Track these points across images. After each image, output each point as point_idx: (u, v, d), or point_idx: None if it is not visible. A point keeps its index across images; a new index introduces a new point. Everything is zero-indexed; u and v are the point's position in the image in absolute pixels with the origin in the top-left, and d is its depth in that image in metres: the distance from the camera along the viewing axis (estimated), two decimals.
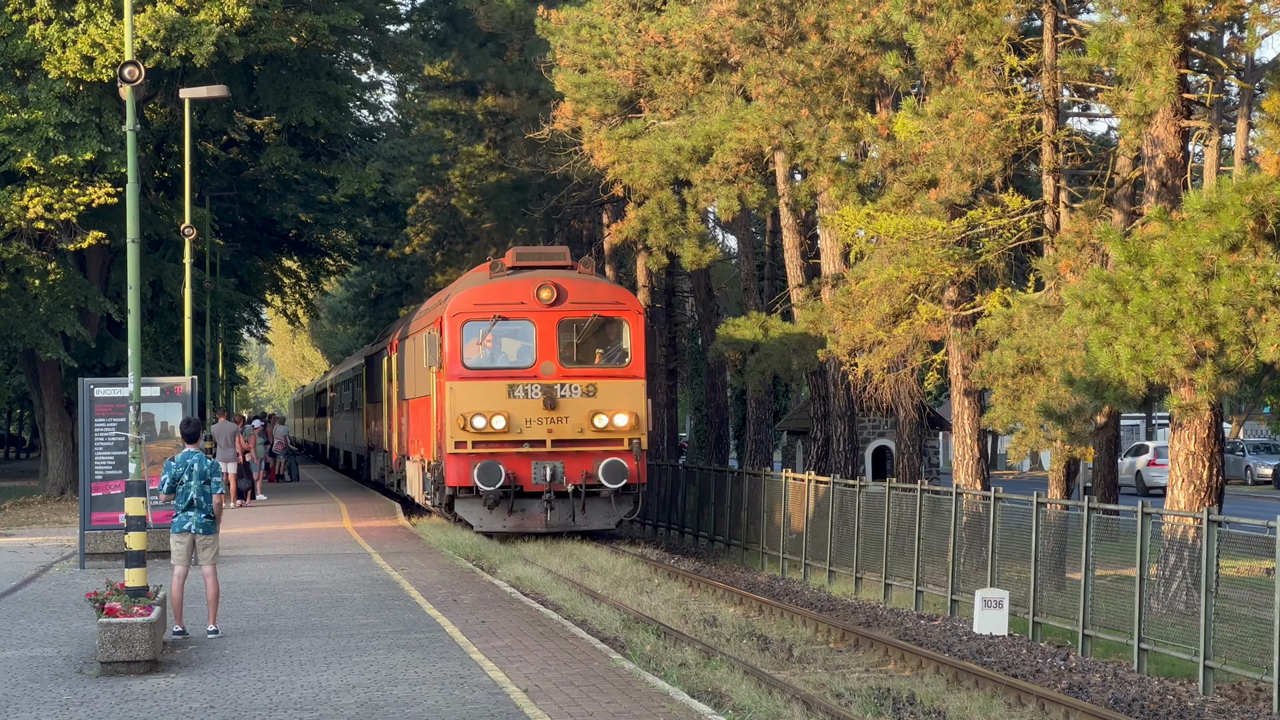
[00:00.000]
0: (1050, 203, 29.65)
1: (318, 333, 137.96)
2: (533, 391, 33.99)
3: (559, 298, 34.40)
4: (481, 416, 33.84)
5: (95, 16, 45.83)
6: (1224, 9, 24.57)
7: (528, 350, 34.46)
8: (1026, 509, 25.41)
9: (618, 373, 34.43)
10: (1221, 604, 20.66)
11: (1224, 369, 21.94)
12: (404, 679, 17.30)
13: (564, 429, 33.99)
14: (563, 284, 34.65)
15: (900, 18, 28.58)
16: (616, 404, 34.07)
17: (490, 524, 34.25)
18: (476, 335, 34.56)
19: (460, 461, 33.97)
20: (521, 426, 33.90)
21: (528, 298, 34.42)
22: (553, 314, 34.38)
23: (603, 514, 34.36)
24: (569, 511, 34.16)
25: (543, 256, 36.22)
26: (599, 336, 34.70)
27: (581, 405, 34.01)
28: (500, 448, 33.85)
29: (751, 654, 21.25)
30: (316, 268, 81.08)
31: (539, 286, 34.40)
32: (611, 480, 33.64)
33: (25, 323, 50.06)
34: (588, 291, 34.87)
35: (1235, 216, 21.23)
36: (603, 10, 41.41)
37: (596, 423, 33.93)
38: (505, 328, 34.68)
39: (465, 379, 34.29)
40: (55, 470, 56.12)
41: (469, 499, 34.31)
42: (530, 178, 58.95)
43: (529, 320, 34.45)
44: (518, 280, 34.87)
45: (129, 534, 20.47)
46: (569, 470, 33.92)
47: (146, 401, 28.24)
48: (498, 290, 34.78)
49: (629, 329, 34.78)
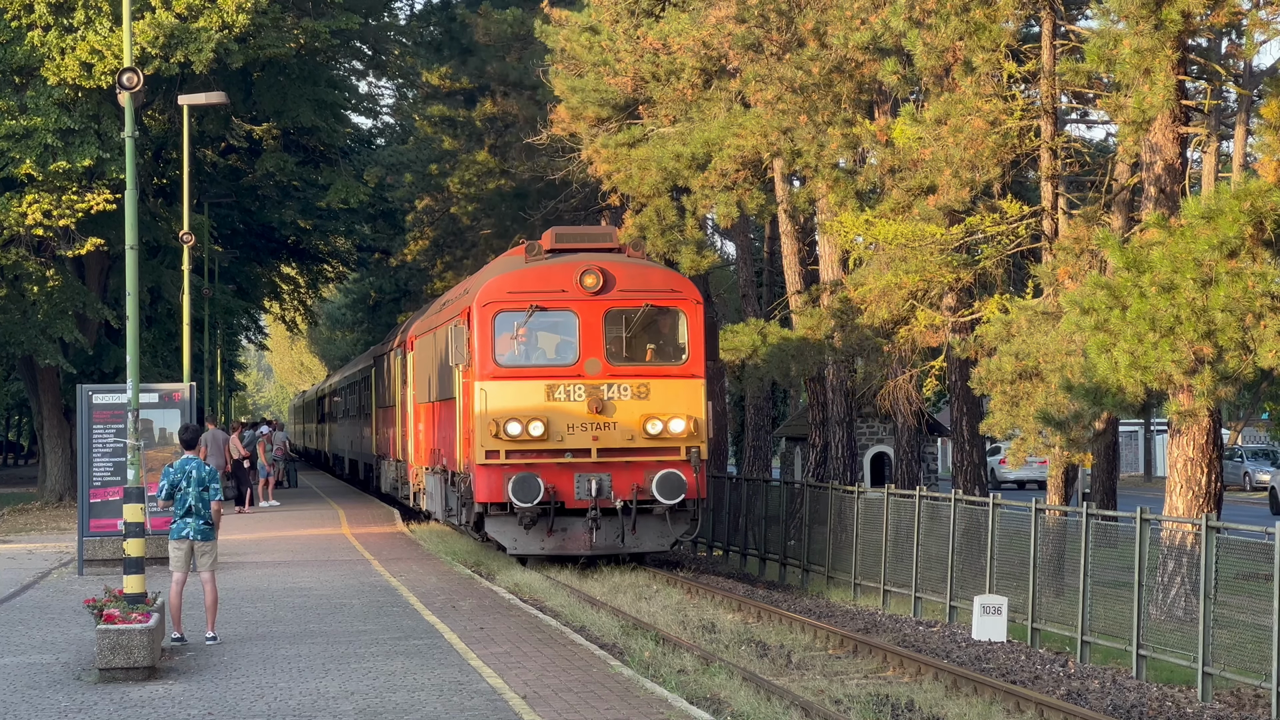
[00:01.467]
0: (1049, 209, 29.66)
1: (316, 339, 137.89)
2: (576, 393, 30.03)
3: (605, 285, 30.34)
4: (517, 422, 29.82)
5: (94, 23, 45.85)
6: (1222, 15, 24.58)
7: (569, 345, 30.48)
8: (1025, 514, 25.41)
9: (673, 371, 30.46)
10: (1220, 610, 20.66)
11: (1222, 375, 21.94)
12: (402, 685, 17.29)
13: (612, 436, 30.03)
14: (609, 269, 30.56)
15: (899, 24, 28.59)
16: (672, 407, 30.15)
17: (526, 546, 30.26)
18: (510, 328, 30.54)
19: (492, 474, 29.92)
20: (563, 433, 29.87)
21: (569, 285, 30.36)
22: (598, 303, 30.31)
23: (656, 534, 30.26)
24: (617, 531, 30.08)
25: (586, 238, 32.16)
26: (652, 329, 30.73)
27: (632, 408, 30.07)
28: (538, 458, 29.83)
29: (750, 660, 21.24)
30: (315, 274, 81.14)
31: (582, 272, 30.33)
32: (667, 495, 29.61)
33: (24, 329, 50.07)
34: (638, 277, 30.82)
35: (1234, 223, 21.24)
36: (601, 16, 41.43)
37: (649, 429, 29.93)
38: (543, 320, 30.73)
39: (498, 378, 30.24)
40: (54, 477, 56.11)
41: (501, 517, 30.20)
42: (529, 184, 58.93)
43: (571, 311, 30.38)
44: (557, 265, 30.82)
45: (127, 540, 20.49)
46: (617, 484, 29.95)
47: (145, 408, 28.22)
48: (534, 276, 30.71)
49: (686, 321, 30.73)
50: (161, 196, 57.88)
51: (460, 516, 33.05)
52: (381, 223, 74.94)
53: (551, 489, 29.64)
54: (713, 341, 30.93)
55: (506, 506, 29.83)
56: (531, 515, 29.67)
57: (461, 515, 32.79)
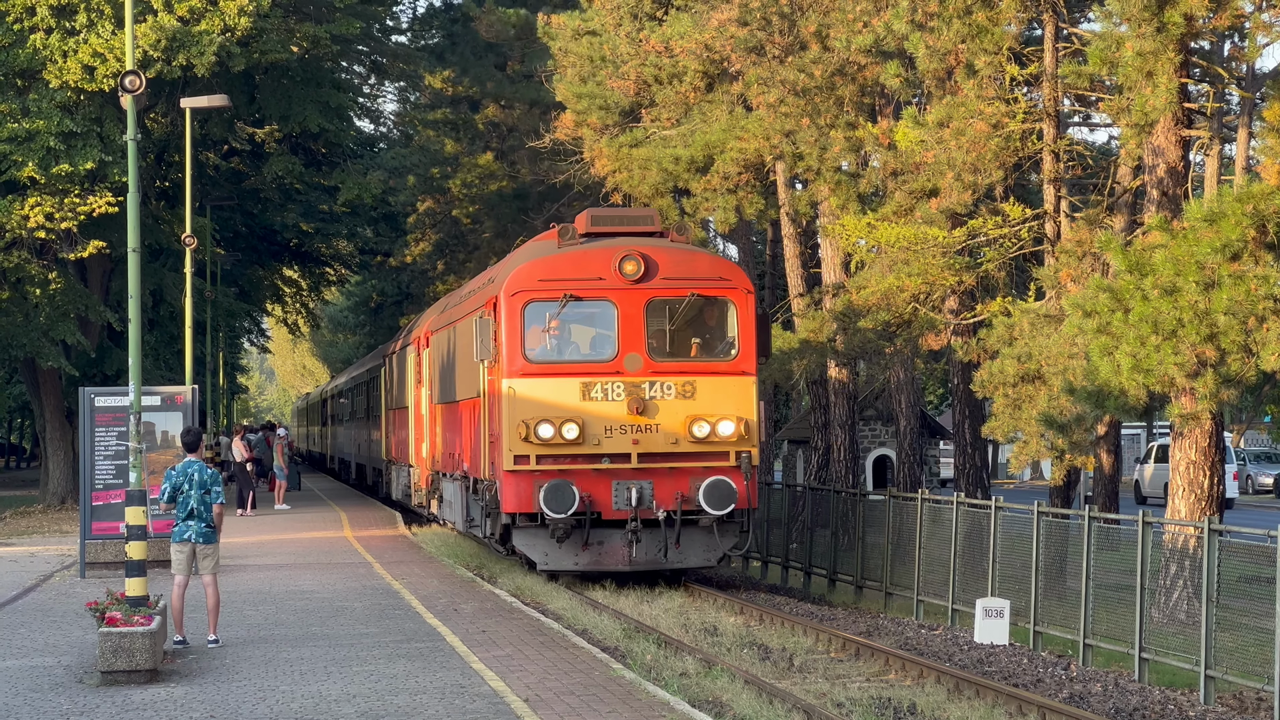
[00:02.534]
0: (1051, 212, 29.66)
1: (318, 342, 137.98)
2: (614, 391, 27.49)
3: (647, 272, 27.72)
4: (549, 424, 27.22)
5: (96, 26, 45.89)
6: (1225, 18, 24.59)
7: (607, 339, 27.92)
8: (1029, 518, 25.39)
9: (722, 368, 27.83)
10: (1222, 613, 20.65)
11: (1225, 378, 21.94)
12: (404, 688, 17.29)
13: (654, 439, 27.43)
14: (652, 254, 27.91)
15: (901, 27, 28.59)
16: (721, 407, 27.55)
17: (559, 561, 27.70)
18: (541, 320, 27.93)
19: (521, 481, 27.36)
20: (600, 436, 27.31)
21: (607, 272, 27.71)
22: (639, 292, 27.71)
23: (702, 548, 27.74)
24: (659, 544, 27.48)
25: (625, 220, 29.41)
26: (698, 322, 28.17)
27: (676, 409, 27.46)
28: (572, 463, 27.28)
29: (752, 663, 21.23)
30: (317, 277, 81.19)
31: (621, 258, 27.66)
32: (715, 505, 27.07)
33: (26, 332, 50.10)
34: (684, 264, 28.12)
35: (1236, 226, 21.24)
36: (604, 19, 41.45)
37: (695, 431, 27.34)
38: (579, 310, 28.15)
39: (528, 375, 27.65)
40: (56, 479, 56.13)
41: (530, 529, 27.63)
42: (531, 186, 59.03)
43: (609, 300, 27.76)
44: (594, 250, 28.11)
45: (129, 543, 20.49)
46: (660, 492, 27.41)
47: (147, 411, 28.24)
48: (568, 262, 28.01)
49: (736, 312, 27.98)
50: (164, 199, 57.93)
51: (484, 528, 30.47)
52: (383, 225, 75.01)
53: (587, 498, 27.16)
54: (765, 335, 28.30)
55: (537, 517, 27.36)
56: (565, 527, 27.18)
57: (485, 527, 30.20)
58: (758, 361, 28.24)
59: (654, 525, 27.42)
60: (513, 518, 27.62)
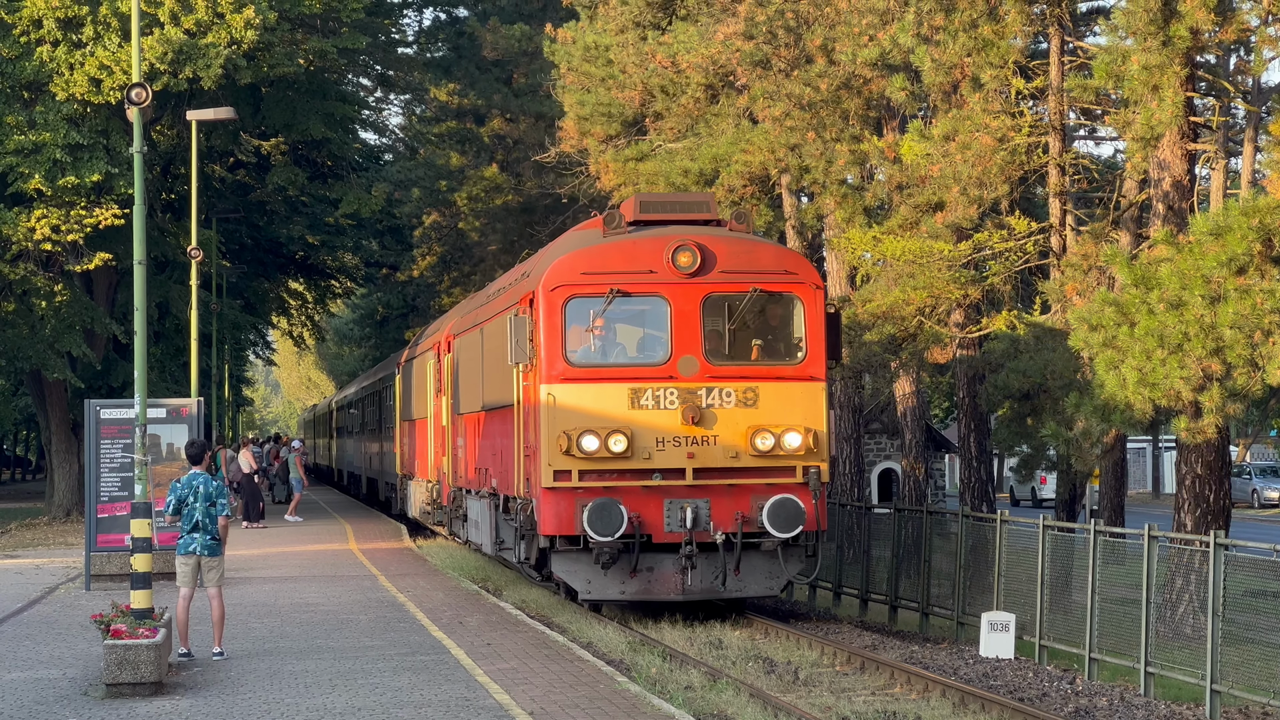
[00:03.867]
0: (1057, 225, 29.67)
1: (324, 355, 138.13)
2: (667, 399, 24.67)
3: (703, 264, 24.88)
4: (593, 435, 24.43)
5: (103, 39, 45.95)
6: (1230, 32, 24.62)
7: (659, 340, 25.07)
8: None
9: (788, 372, 25.06)
10: (1228, 627, 20.63)
11: (1231, 392, 21.94)
12: (409, 701, 17.28)
13: (711, 453, 24.65)
14: (708, 244, 25.05)
15: (907, 40, 28.63)
16: (787, 416, 24.82)
17: (604, 589, 24.81)
18: (585, 318, 25.03)
19: (561, 500, 24.54)
20: (650, 449, 24.51)
21: (658, 264, 24.88)
22: (695, 287, 24.86)
23: (764, 574, 25.01)
24: (716, 571, 24.75)
25: (678, 206, 26.51)
26: (761, 320, 25.36)
27: (736, 418, 24.71)
28: (619, 479, 24.51)
29: (757, 676, 21.21)
30: (323, 290, 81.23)
31: (674, 248, 24.86)
32: (781, 526, 24.38)
33: (32, 344, 50.17)
34: (744, 255, 25.22)
35: (1242, 239, 21.25)
36: (609, 30, 41.51)
37: (758, 444, 24.60)
38: (626, 308, 25.22)
39: (569, 380, 24.79)
40: (61, 492, 56.15)
41: (571, 554, 24.78)
42: (537, 199, 59.06)
43: (661, 296, 24.91)
44: (643, 239, 25.25)
45: (134, 556, 20.49)
46: (718, 512, 24.59)
47: (152, 423, 28.29)
48: (615, 253, 25.12)
49: (803, 309, 25.16)
50: (170, 212, 57.97)
51: (516, 551, 27.44)
52: (389, 238, 75.09)
53: (636, 519, 24.33)
54: (835, 336, 25.50)
55: (579, 540, 24.54)
56: (611, 552, 24.30)
57: (518, 550, 27.26)
58: (827, 365, 25.52)
59: (710, 549, 24.69)
60: (551, 541, 24.80)
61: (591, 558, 24.53)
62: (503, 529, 28.86)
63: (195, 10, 45.77)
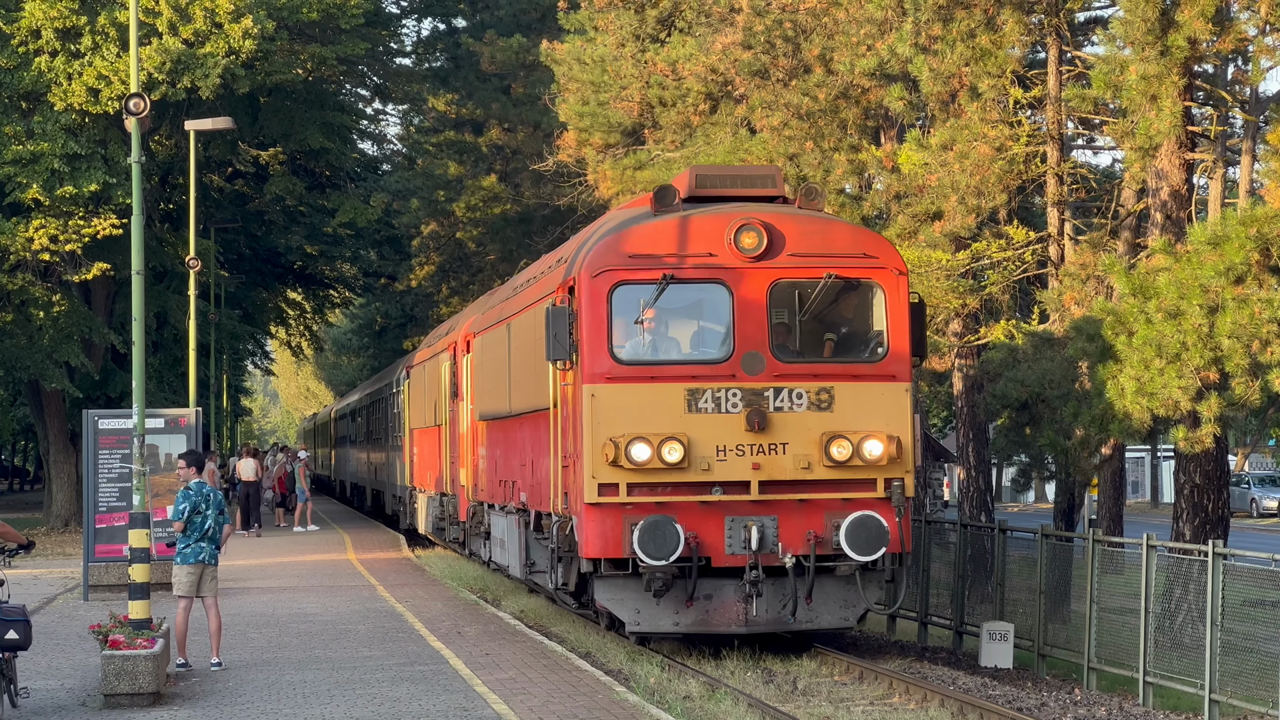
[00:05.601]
0: (1055, 235, 29.68)
1: (322, 365, 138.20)
2: (729, 401, 21.46)
3: (770, 246, 21.67)
4: (644, 443, 21.22)
5: (101, 49, 45.99)
6: (1228, 42, 24.65)
7: (719, 333, 21.91)
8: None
9: (867, 371, 21.88)
10: (1227, 637, 20.62)
11: (1229, 402, 21.95)
12: (408, 712, 17.27)
13: (780, 464, 21.49)
14: (776, 224, 21.84)
15: (905, 50, 28.64)
16: (866, 421, 21.62)
17: (654, 620, 21.79)
18: (634, 308, 21.76)
19: (607, 518, 21.38)
20: (709, 459, 21.36)
21: (718, 246, 21.72)
22: (760, 272, 21.68)
23: (838, 603, 22.03)
24: (784, 599, 21.68)
25: (739, 180, 23.29)
26: (836, 311, 22.20)
27: (809, 424, 21.54)
28: (673, 494, 21.38)
29: (756, 686, 21.17)
30: (321, 300, 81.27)
31: (737, 228, 21.67)
32: (860, 548, 21.31)
33: (30, 354, 50.17)
34: (817, 236, 21.98)
35: (1240, 249, 21.26)
36: (607, 41, 41.54)
37: (833, 453, 21.45)
38: (681, 296, 21.93)
39: (616, 380, 21.55)
40: (59, 502, 56.14)
41: (618, 580, 21.66)
42: (535, 209, 59.09)
43: (721, 283, 21.70)
44: (700, 218, 21.98)
45: (133, 566, 20.47)
46: (787, 531, 21.48)
47: (151, 433, 28.26)
48: (668, 234, 21.89)
49: (885, 299, 21.97)
50: (168, 221, 58.00)
51: (551, 576, 24.23)
52: (387, 248, 75.11)
53: (693, 539, 21.25)
54: (919, 329, 22.41)
55: (627, 564, 21.49)
56: (665, 577, 21.21)
57: (554, 575, 23.95)
58: (911, 363, 22.41)
59: (778, 574, 21.61)
60: (595, 564, 21.68)
61: (642, 584, 21.41)
62: (534, 550, 25.90)
63: (193, 20, 45.82)
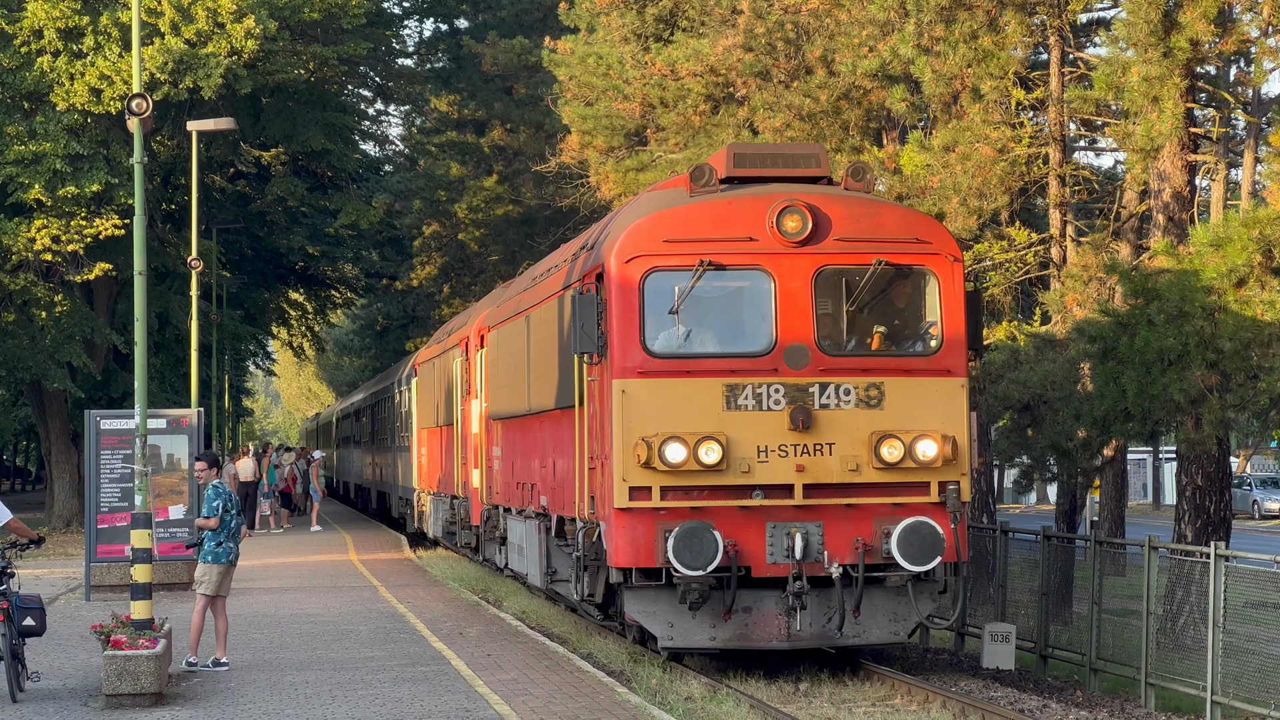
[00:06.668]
0: (1057, 236, 29.67)
1: (324, 365, 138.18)
2: (770, 398, 20.05)
3: (816, 230, 20.29)
4: (679, 443, 19.78)
5: (103, 49, 45.99)
6: (1231, 43, 24.64)
7: (760, 324, 20.46)
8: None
9: (920, 365, 20.55)
10: (1229, 638, 20.61)
11: (1231, 404, 21.94)
12: (410, 712, 17.27)
13: (826, 465, 20.11)
14: (821, 206, 20.46)
15: (907, 52, 28.63)
16: (919, 420, 20.26)
17: (689, 635, 20.29)
18: (669, 297, 20.27)
19: (639, 524, 19.90)
20: (749, 461, 19.97)
21: (759, 230, 20.30)
22: (805, 258, 20.28)
23: (888, 617, 20.52)
24: (830, 611, 20.24)
25: (780, 159, 21.79)
26: (886, 300, 20.78)
27: (857, 423, 20.16)
28: (711, 498, 19.96)
29: (758, 688, 21.17)
30: (323, 300, 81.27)
31: (780, 210, 20.26)
32: (913, 557, 19.88)
33: (32, 354, 50.19)
34: (866, 220, 20.61)
35: (1242, 251, 21.26)
36: (610, 39, 41.53)
37: (884, 454, 20.06)
38: (719, 283, 20.47)
39: (649, 375, 20.11)
40: (61, 502, 56.15)
41: (650, 591, 20.19)
42: (537, 210, 59.09)
43: (762, 270, 20.32)
44: (740, 199, 20.67)
45: (134, 566, 20.49)
46: (833, 539, 20.07)
47: (152, 434, 28.27)
48: (705, 217, 20.47)
49: (939, 287, 20.61)
50: (170, 222, 58.02)
51: (576, 586, 22.63)
52: (389, 249, 75.14)
53: (731, 547, 19.79)
54: (975, 320, 20.99)
55: (660, 574, 20.01)
56: (701, 589, 19.73)
57: (579, 585, 22.41)
58: (968, 356, 20.97)
59: (823, 585, 20.20)
60: (626, 574, 20.21)
61: (676, 596, 19.95)
62: (556, 558, 24.42)
63: (196, 20, 45.84)
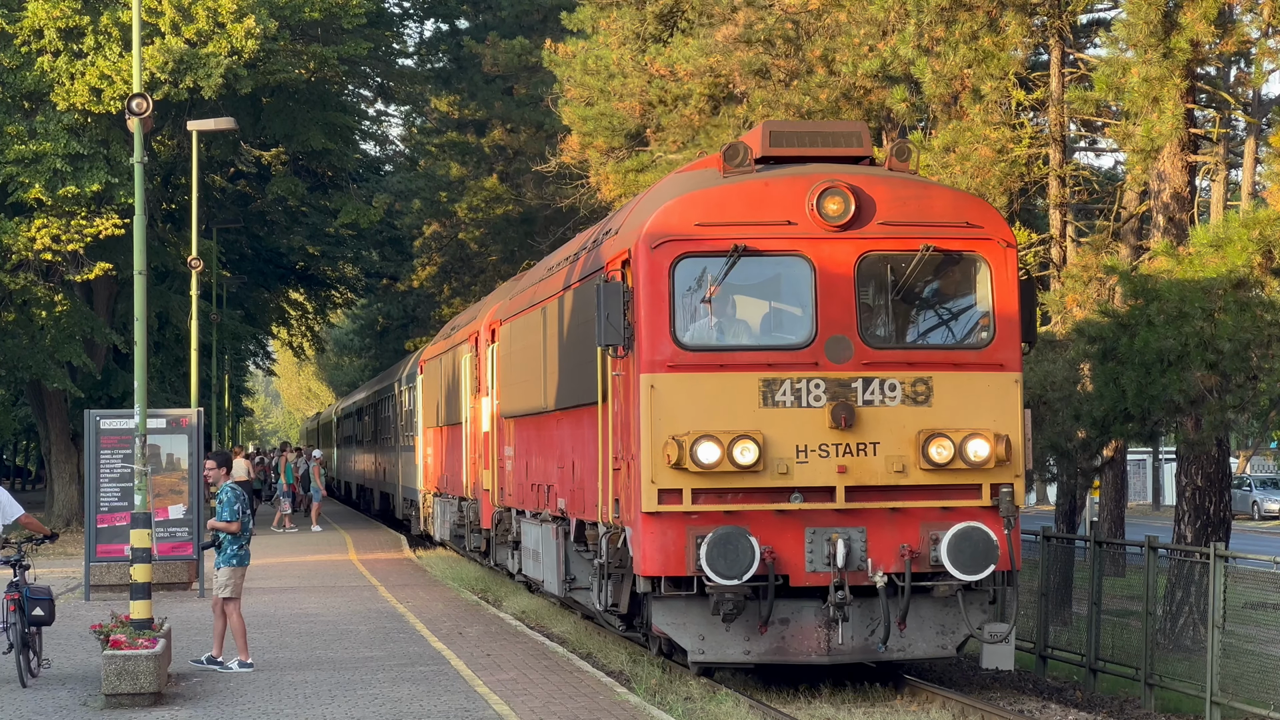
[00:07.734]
0: (1057, 237, 29.67)
1: (324, 365, 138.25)
2: (810, 394, 18.67)
3: (859, 213, 18.88)
4: (712, 443, 18.37)
5: (103, 49, 45.99)
6: (1231, 44, 24.63)
7: (798, 315, 19.09)
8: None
9: (971, 359, 19.15)
10: (1229, 639, 20.60)
11: (1230, 405, 21.93)
12: (409, 713, 17.27)
13: (870, 466, 18.74)
14: (864, 188, 19.03)
15: (907, 52, 28.62)
16: (970, 418, 18.90)
17: (722, 649, 18.88)
18: (701, 283, 18.94)
19: (669, 529, 18.52)
20: (787, 461, 18.57)
21: (798, 213, 18.87)
22: (847, 243, 18.87)
23: (935, 629, 19.34)
24: (873, 624, 18.91)
25: (820, 138, 20.06)
26: (935, 289, 19.53)
27: (903, 420, 18.81)
28: (746, 501, 18.59)
29: (757, 688, 21.18)
30: (323, 300, 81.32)
31: (820, 192, 18.83)
32: (964, 565, 18.59)
33: (32, 354, 50.18)
34: (912, 203, 19.20)
35: (1242, 251, 21.25)
36: (609, 41, 41.53)
37: (932, 454, 18.71)
38: (755, 269, 19.04)
39: (679, 368, 18.69)
40: (61, 502, 56.15)
41: (680, 601, 18.80)
42: (537, 210, 59.10)
43: (802, 256, 18.87)
44: (777, 180, 19.20)
45: (134, 566, 20.48)
46: (877, 545, 18.74)
47: (152, 433, 28.27)
48: (739, 199, 19.05)
49: (990, 275, 19.21)
50: (170, 222, 58.03)
51: (599, 596, 21.27)
52: (389, 249, 75.15)
53: (768, 554, 18.39)
54: (1029, 311, 19.62)
55: (692, 583, 18.63)
56: (736, 599, 18.36)
57: (601, 594, 21.13)
58: (1022, 350, 19.50)
59: (867, 595, 18.85)
60: (654, 583, 18.76)
61: (708, 607, 18.57)
62: (576, 564, 23.13)
63: (196, 20, 45.83)
